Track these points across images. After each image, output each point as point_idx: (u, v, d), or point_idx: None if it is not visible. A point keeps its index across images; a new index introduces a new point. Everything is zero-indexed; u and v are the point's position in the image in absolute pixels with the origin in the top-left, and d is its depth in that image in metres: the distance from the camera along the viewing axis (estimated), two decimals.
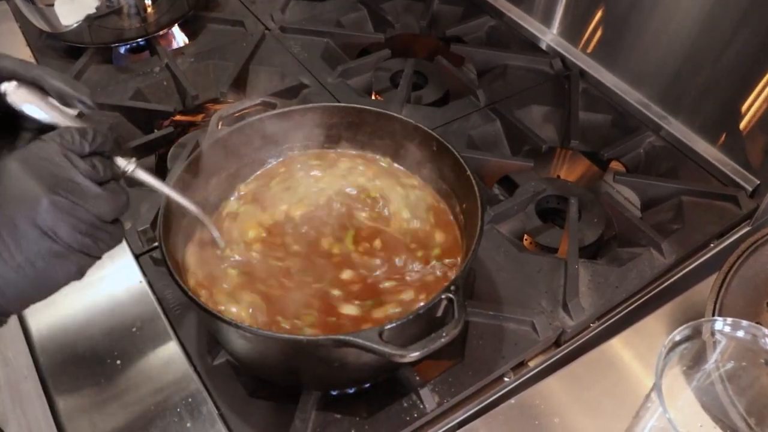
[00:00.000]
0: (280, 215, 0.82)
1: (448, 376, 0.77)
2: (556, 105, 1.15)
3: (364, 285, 0.76)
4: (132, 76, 1.18)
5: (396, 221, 0.82)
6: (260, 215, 0.82)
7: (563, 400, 0.76)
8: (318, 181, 0.87)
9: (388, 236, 0.81)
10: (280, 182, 0.86)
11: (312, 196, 0.84)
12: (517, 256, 0.89)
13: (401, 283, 0.76)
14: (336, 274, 0.77)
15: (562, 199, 0.99)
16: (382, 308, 0.73)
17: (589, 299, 0.85)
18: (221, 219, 0.82)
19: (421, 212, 0.83)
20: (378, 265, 0.78)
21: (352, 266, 0.78)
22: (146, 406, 0.75)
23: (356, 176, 0.87)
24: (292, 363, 0.70)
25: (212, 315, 0.64)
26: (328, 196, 0.85)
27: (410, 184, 0.86)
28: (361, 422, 0.73)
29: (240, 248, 0.78)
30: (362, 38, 1.30)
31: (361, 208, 0.84)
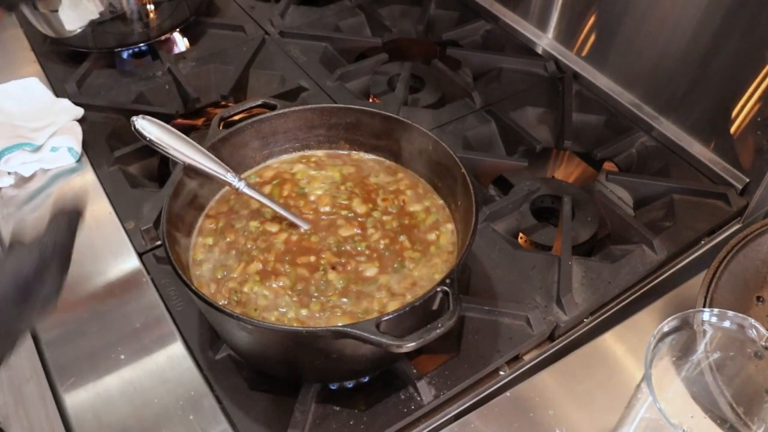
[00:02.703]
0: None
1: (444, 369, 0.79)
2: (550, 107, 1.17)
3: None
4: (135, 80, 1.21)
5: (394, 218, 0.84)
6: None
7: (557, 394, 0.78)
8: (314, 180, 0.89)
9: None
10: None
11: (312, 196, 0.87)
12: (512, 254, 0.91)
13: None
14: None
15: (556, 198, 1.01)
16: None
17: (582, 295, 0.87)
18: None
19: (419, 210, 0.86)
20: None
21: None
22: (150, 399, 0.77)
23: (313, 171, 0.89)
24: (291, 354, 0.72)
25: (214, 307, 0.66)
26: (328, 195, 0.87)
27: (407, 183, 0.88)
28: (360, 414, 0.74)
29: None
30: (360, 43, 1.32)
31: (341, 195, 0.86)
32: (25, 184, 1.02)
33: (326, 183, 0.87)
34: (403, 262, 0.78)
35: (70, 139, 1.04)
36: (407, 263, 0.78)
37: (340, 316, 0.73)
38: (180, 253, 0.77)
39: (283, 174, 0.89)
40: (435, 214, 0.84)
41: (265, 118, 0.86)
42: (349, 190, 0.86)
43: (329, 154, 0.92)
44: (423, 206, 0.84)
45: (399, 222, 0.82)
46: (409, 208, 0.84)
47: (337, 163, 0.90)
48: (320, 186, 0.87)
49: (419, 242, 0.81)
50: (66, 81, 1.18)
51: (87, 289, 0.88)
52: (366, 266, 0.78)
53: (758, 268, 0.86)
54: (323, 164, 0.90)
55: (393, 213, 0.83)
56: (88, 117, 1.11)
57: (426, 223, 0.83)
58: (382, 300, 0.75)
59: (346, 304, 0.75)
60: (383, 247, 0.80)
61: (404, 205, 0.84)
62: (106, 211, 0.97)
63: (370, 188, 0.87)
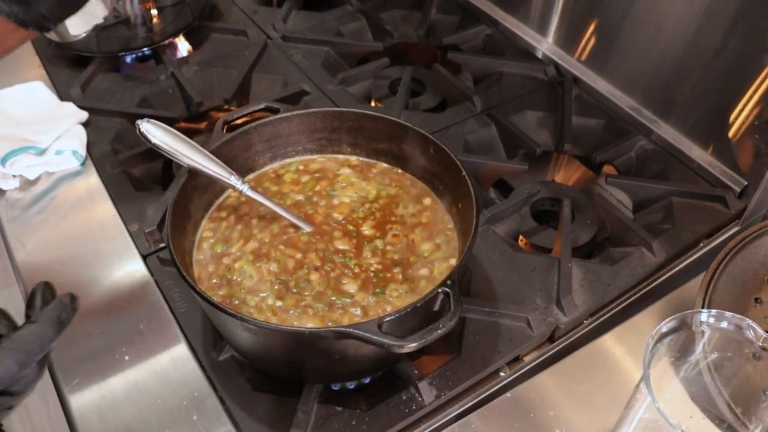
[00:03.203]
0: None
1: (445, 370, 0.79)
2: (550, 110, 1.18)
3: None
4: (138, 84, 1.21)
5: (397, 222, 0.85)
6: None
7: (557, 394, 0.79)
8: (350, 188, 0.90)
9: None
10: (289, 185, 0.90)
11: (314, 198, 0.88)
12: (512, 256, 0.92)
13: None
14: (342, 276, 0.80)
15: (556, 201, 1.02)
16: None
17: (582, 296, 0.87)
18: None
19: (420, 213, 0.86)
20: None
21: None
22: (154, 400, 0.78)
23: (355, 179, 0.90)
24: (293, 355, 0.72)
25: (217, 308, 0.67)
26: (297, 203, 0.88)
27: (410, 187, 0.89)
28: (362, 414, 0.75)
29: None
30: (362, 47, 1.33)
31: (361, 211, 0.86)
32: (30, 187, 1.03)
33: (357, 195, 0.87)
34: (385, 289, 0.77)
35: (75, 142, 1.05)
36: (391, 291, 0.77)
37: (310, 316, 0.75)
38: (185, 255, 0.78)
39: (327, 172, 0.91)
40: (443, 251, 0.81)
41: (267, 121, 0.87)
42: (370, 211, 0.86)
43: (385, 169, 0.92)
44: (434, 243, 0.82)
45: (401, 255, 0.81)
46: (419, 248, 0.82)
47: (383, 181, 0.90)
48: (350, 195, 0.87)
49: (412, 279, 0.78)
50: (70, 85, 1.19)
51: (91, 291, 0.89)
52: (349, 280, 0.78)
53: (756, 270, 0.86)
54: (369, 177, 0.90)
55: (398, 247, 0.82)
56: (93, 121, 1.12)
57: (429, 258, 0.81)
58: (354, 316, 0.75)
59: (319, 309, 0.76)
60: (374, 271, 0.79)
61: (413, 244, 0.82)
62: (110, 214, 0.98)
63: (390, 217, 0.85)
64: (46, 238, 0.96)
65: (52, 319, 0.58)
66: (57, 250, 0.95)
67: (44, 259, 0.94)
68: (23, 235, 0.96)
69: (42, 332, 0.57)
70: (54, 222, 0.99)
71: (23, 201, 1.01)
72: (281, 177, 0.91)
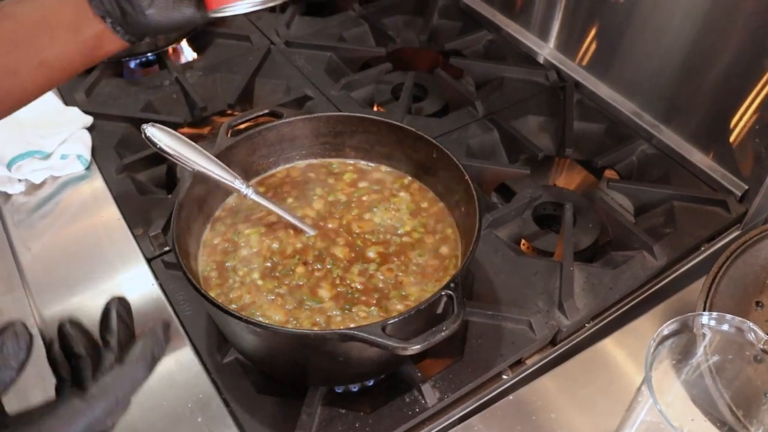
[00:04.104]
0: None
1: (448, 373, 0.80)
2: (551, 115, 1.18)
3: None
4: (142, 89, 1.22)
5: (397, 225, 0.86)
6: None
7: (559, 398, 0.79)
8: (322, 187, 0.91)
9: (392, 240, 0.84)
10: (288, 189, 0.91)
11: (309, 207, 0.88)
12: (514, 259, 0.93)
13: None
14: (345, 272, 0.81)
15: (558, 206, 1.02)
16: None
17: (584, 300, 0.88)
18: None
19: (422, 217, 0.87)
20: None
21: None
22: (159, 401, 0.78)
23: (404, 207, 0.88)
24: (298, 357, 0.73)
25: (223, 310, 0.67)
26: (333, 202, 0.89)
27: (412, 190, 0.90)
28: (365, 417, 0.76)
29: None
30: (364, 52, 1.33)
31: (379, 236, 0.85)
32: (36, 191, 1.04)
33: (391, 222, 0.86)
34: (353, 308, 0.77)
35: (80, 146, 1.06)
36: (358, 311, 0.77)
37: (277, 307, 0.76)
38: (190, 258, 0.79)
39: (385, 189, 0.90)
40: (426, 295, 0.78)
41: (271, 126, 0.88)
42: (387, 241, 0.84)
43: (438, 210, 0.88)
44: (421, 289, 0.79)
45: (385, 286, 0.79)
46: (406, 288, 0.79)
47: (426, 222, 0.86)
48: (384, 218, 0.86)
49: (386, 308, 0.77)
50: (75, 90, 1.20)
51: (96, 295, 0.89)
52: (326, 286, 0.79)
53: (757, 273, 0.87)
54: (418, 211, 0.88)
55: (386, 280, 0.80)
56: (97, 125, 1.13)
57: (410, 300, 0.78)
58: (315, 324, 0.75)
59: (288, 302, 0.77)
60: (353, 288, 0.79)
61: (401, 285, 0.79)
62: (115, 218, 0.99)
63: (399, 256, 0.82)
64: (51, 242, 0.97)
65: (146, 359, 0.50)
66: (62, 253, 0.95)
67: (49, 263, 0.94)
68: (29, 239, 0.97)
69: (135, 376, 0.49)
70: (59, 226, 0.99)
71: (28, 205, 1.02)
72: (339, 175, 0.92)
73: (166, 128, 0.78)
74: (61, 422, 0.45)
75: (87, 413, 0.46)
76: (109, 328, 0.53)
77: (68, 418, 0.45)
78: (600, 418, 0.77)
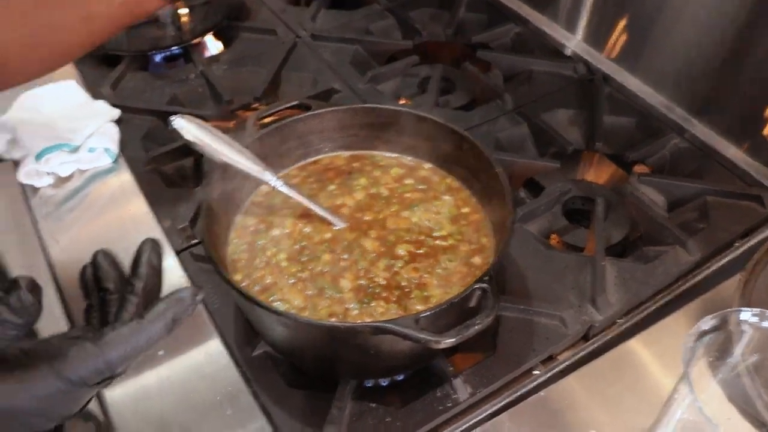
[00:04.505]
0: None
1: (480, 367, 0.79)
2: (580, 108, 1.17)
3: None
4: (168, 82, 1.22)
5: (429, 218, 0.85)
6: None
7: (589, 395, 0.77)
8: (366, 178, 0.90)
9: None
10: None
11: (350, 196, 0.88)
12: (545, 254, 0.91)
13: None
14: (372, 264, 0.80)
15: (588, 200, 1.01)
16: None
17: (616, 295, 0.86)
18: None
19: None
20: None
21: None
22: (188, 394, 0.78)
23: (445, 211, 0.86)
24: (329, 350, 0.72)
25: (253, 302, 0.67)
26: (374, 195, 0.88)
27: (456, 194, 0.88)
28: (396, 411, 0.75)
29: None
30: (391, 45, 1.33)
31: (413, 235, 0.83)
32: (63, 184, 1.04)
33: (428, 224, 0.84)
34: (372, 302, 0.75)
35: (107, 140, 1.06)
36: (377, 306, 0.75)
37: (298, 292, 0.76)
38: (219, 250, 0.78)
39: (430, 190, 0.88)
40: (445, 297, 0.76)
41: (300, 118, 0.87)
42: (420, 241, 0.82)
43: (479, 219, 0.85)
44: (444, 292, 0.77)
45: (408, 285, 0.77)
46: (428, 289, 0.77)
47: (465, 230, 0.84)
48: (422, 218, 0.84)
49: (405, 306, 0.75)
50: (101, 84, 1.20)
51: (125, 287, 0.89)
52: (349, 277, 0.78)
53: None
54: (458, 217, 0.85)
55: (410, 279, 0.78)
56: (123, 118, 1.13)
57: (431, 301, 0.76)
58: (332, 308, 0.74)
59: (308, 287, 0.77)
60: (375, 283, 0.77)
61: (425, 285, 0.78)
62: (142, 211, 0.99)
63: (429, 258, 0.80)
64: (79, 235, 0.97)
65: (166, 320, 0.51)
66: (90, 246, 0.93)
67: (78, 255, 0.92)
68: (57, 232, 0.97)
69: (151, 334, 0.51)
70: (87, 218, 0.99)
71: (56, 198, 1.02)
72: (386, 168, 0.91)
73: (194, 119, 0.77)
74: (71, 363, 0.46)
75: (98, 359, 0.47)
76: (137, 271, 0.55)
77: (79, 360, 0.46)
78: (630, 416, 0.76)
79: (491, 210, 0.83)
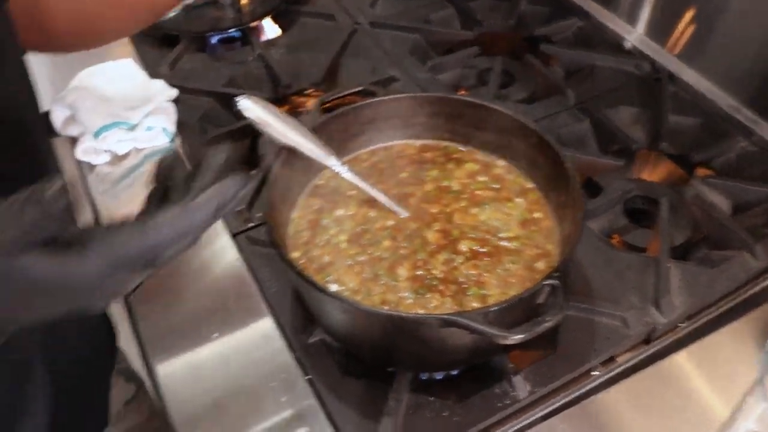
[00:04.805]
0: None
1: (540, 366, 0.77)
2: (643, 106, 1.14)
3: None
4: (225, 64, 1.22)
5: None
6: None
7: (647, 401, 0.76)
8: (439, 170, 0.89)
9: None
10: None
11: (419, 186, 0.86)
12: (607, 253, 0.89)
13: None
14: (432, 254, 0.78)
15: (648, 200, 0.98)
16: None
17: (680, 298, 0.84)
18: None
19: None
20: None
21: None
22: (242, 378, 0.78)
23: (516, 214, 0.84)
24: (391, 339, 0.71)
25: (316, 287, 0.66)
26: (444, 188, 0.86)
27: (529, 197, 0.86)
28: (453, 405, 0.74)
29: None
30: (451, 35, 1.31)
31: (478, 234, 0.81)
32: (120, 162, 1.04)
33: (496, 224, 0.81)
34: (427, 294, 0.74)
35: (165, 119, 1.06)
36: (432, 299, 0.73)
37: (354, 275, 0.76)
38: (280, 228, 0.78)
39: (503, 190, 0.86)
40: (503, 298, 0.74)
41: (366, 104, 0.86)
42: (485, 241, 0.80)
43: (549, 227, 0.82)
44: (502, 292, 0.74)
45: (466, 281, 0.75)
46: (486, 287, 0.75)
47: (535, 236, 0.81)
48: (491, 218, 0.82)
49: (460, 303, 0.73)
50: (159, 64, 1.20)
51: (180, 267, 0.89)
52: (407, 266, 0.77)
53: None
54: (528, 222, 0.82)
55: (468, 276, 0.76)
56: (180, 99, 1.12)
57: (487, 299, 0.74)
58: (386, 295, 0.74)
59: (365, 271, 0.76)
60: (433, 275, 0.76)
61: (483, 283, 0.75)
62: None
63: (490, 257, 0.78)
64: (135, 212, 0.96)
65: (211, 207, 0.50)
66: None
67: None
68: (113, 209, 0.97)
69: (197, 220, 0.49)
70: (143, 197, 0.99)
71: (113, 175, 1.02)
72: (460, 162, 0.89)
73: (260, 100, 0.76)
74: (117, 243, 0.47)
75: (143, 241, 0.47)
76: (200, 168, 0.54)
77: (125, 240, 0.47)
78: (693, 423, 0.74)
79: (561, 215, 0.81)
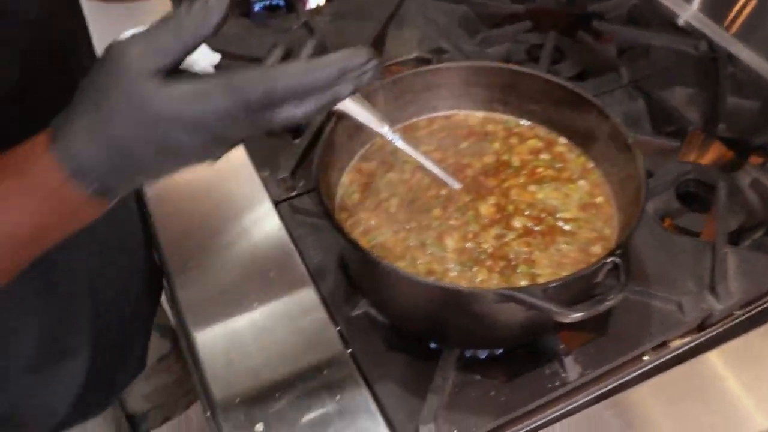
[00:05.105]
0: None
1: (591, 347, 0.75)
2: (700, 87, 1.10)
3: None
4: (269, 31, 1.20)
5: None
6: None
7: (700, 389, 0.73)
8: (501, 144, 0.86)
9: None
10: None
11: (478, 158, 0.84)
12: (661, 236, 0.86)
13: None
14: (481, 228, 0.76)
15: (700, 184, 0.95)
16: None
17: (736, 284, 0.81)
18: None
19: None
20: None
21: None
22: (283, 350, 0.76)
23: (576, 196, 0.81)
24: (441, 313, 0.69)
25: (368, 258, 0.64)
26: (505, 162, 0.84)
27: (592, 179, 0.83)
28: (501, 385, 0.71)
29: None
30: (501, 8, 1.27)
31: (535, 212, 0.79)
32: None
33: (555, 202, 0.79)
34: (474, 267, 0.72)
35: None
36: (478, 272, 0.71)
37: (399, 241, 0.75)
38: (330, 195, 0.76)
39: (565, 170, 0.83)
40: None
41: (420, 71, 0.83)
42: (540, 218, 0.77)
43: (607, 214, 0.79)
44: (553, 272, 0.72)
45: (515, 257, 0.73)
46: (536, 266, 0.73)
47: (591, 215, 0.79)
48: (549, 197, 0.79)
49: (507, 277, 0.72)
50: None
51: (222, 235, 0.87)
52: (456, 236, 0.75)
53: None
54: (586, 205, 0.79)
55: (519, 253, 0.74)
56: (223, 64, 1.09)
57: (535, 277, 0.72)
58: (432, 265, 0.72)
59: (411, 238, 0.75)
60: (483, 249, 0.73)
61: (533, 261, 0.73)
62: (241, 159, 0.97)
63: (543, 236, 0.76)
64: (176, 181, 0.95)
65: (333, 69, 0.50)
66: (188, 192, 0.94)
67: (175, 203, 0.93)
68: None
69: (316, 74, 0.49)
70: None
71: None
72: (523, 138, 0.86)
73: None
74: (242, 82, 0.48)
75: (265, 83, 0.48)
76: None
77: (249, 80, 0.48)
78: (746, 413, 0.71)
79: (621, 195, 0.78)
